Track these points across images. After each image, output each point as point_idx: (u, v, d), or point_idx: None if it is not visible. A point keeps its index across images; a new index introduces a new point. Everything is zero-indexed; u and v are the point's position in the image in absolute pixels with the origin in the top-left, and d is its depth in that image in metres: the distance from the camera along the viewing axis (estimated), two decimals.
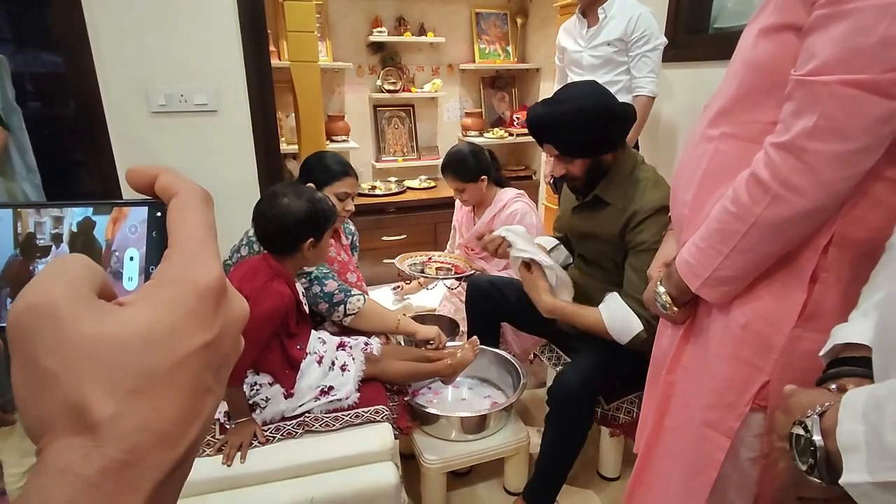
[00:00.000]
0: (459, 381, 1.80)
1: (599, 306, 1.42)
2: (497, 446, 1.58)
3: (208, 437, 1.25)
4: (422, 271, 2.17)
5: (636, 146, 2.17)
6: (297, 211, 1.26)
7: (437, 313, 2.21)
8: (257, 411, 1.26)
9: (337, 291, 1.49)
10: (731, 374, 0.83)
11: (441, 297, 2.36)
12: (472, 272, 2.04)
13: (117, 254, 0.27)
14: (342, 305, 1.48)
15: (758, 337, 0.79)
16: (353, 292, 1.51)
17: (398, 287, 2.47)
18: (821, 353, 0.67)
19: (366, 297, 1.52)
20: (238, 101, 2.06)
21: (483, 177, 2.08)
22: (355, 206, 2.88)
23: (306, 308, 1.37)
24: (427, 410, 1.56)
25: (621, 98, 2.14)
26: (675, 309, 0.92)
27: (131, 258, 0.27)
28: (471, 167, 2.06)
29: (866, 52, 0.62)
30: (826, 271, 0.73)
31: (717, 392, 0.85)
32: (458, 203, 2.38)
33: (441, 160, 3.34)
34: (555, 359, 1.75)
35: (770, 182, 0.70)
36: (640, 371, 1.49)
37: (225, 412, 1.26)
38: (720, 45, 1.84)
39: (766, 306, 0.78)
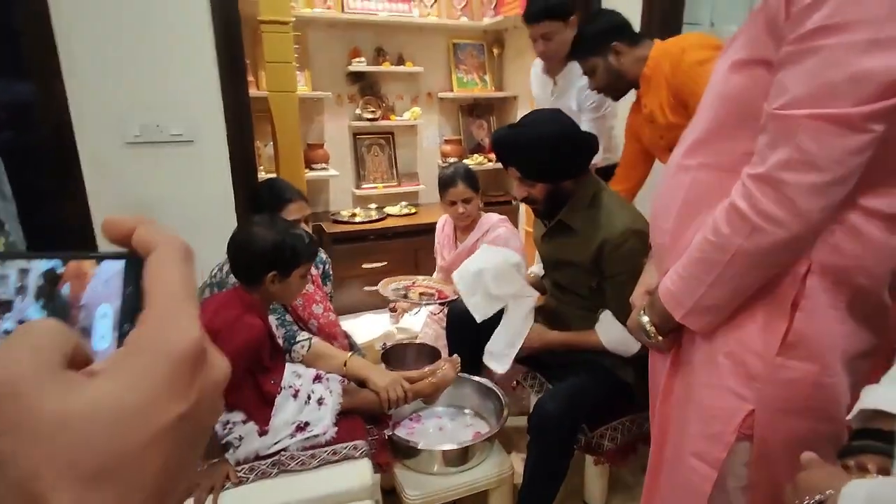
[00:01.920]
0: (440, 411, 1.77)
1: (596, 327, 1.45)
2: (481, 478, 1.53)
3: None
4: (405, 296, 2.15)
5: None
6: (263, 242, 1.24)
7: (418, 341, 2.18)
8: (230, 451, 1.21)
9: (280, 339, 1.43)
10: (716, 404, 0.82)
11: (423, 323, 2.33)
12: (456, 297, 2.02)
13: (86, 310, 0.25)
14: (287, 354, 1.43)
15: (741, 366, 0.79)
16: (297, 339, 1.44)
17: (394, 310, 2.43)
18: (849, 417, 0.64)
19: (311, 341, 1.45)
20: (215, 131, 2.05)
21: (480, 191, 2.12)
22: (335, 233, 2.86)
23: (280, 341, 1.33)
24: (408, 443, 1.52)
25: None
26: (660, 338, 0.92)
27: (104, 315, 0.25)
28: (476, 178, 2.10)
29: (836, 88, 0.63)
30: (806, 299, 0.73)
31: (703, 421, 0.84)
32: (439, 225, 2.38)
33: (421, 186, 3.40)
34: (538, 385, 1.73)
35: (749, 213, 0.71)
36: (624, 397, 1.49)
37: None
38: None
39: (749, 335, 0.78)
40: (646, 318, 0.91)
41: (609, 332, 1.44)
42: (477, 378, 1.77)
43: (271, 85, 2.23)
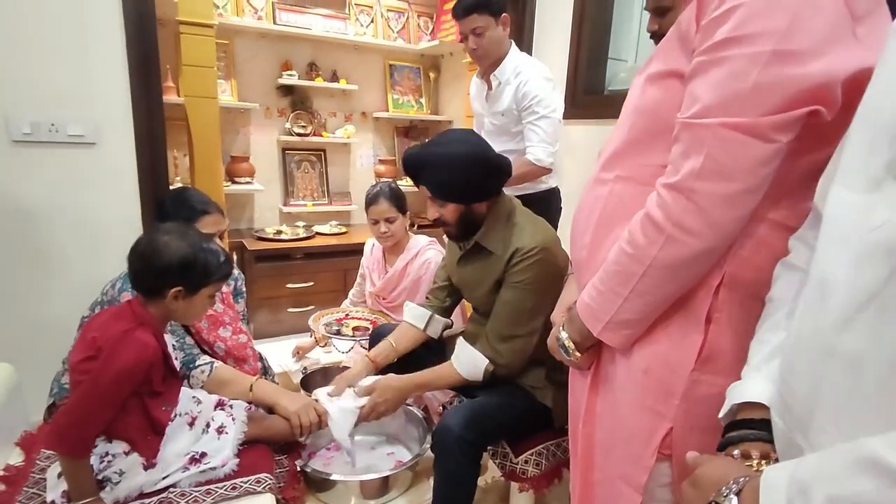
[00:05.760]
0: (360, 439, 1.67)
1: (452, 358, 1.44)
2: None
3: None
4: (338, 331, 2.04)
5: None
6: (171, 252, 1.10)
7: (342, 365, 2.07)
8: (107, 488, 1.04)
9: (178, 363, 1.30)
10: (636, 423, 0.80)
11: (351, 346, 2.23)
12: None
13: None
14: (186, 380, 1.30)
15: (659, 382, 0.77)
16: (197, 363, 1.32)
17: (298, 349, 2.29)
18: (720, 415, 0.66)
19: (213, 366, 1.33)
20: (121, 135, 1.88)
21: (408, 213, 2.08)
22: (257, 250, 2.71)
23: (176, 363, 1.19)
24: (321, 475, 1.40)
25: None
26: (578, 354, 0.89)
27: None
28: (403, 198, 2.06)
29: (742, 97, 0.63)
30: (719, 312, 0.73)
31: (626, 442, 0.82)
32: (367, 248, 2.30)
33: (353, 206, 3.31)
34: None
35: (664, 223, 0.70)
36: (543, 420, 1.46)
37: (63, 492, 1.03)
38: (614, 105, 1.96)
39: (665, 350, 0.77)
40: (565, 335, 0.88)
41: (459, 358, 1.43)
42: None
43: (188, 89, 2.10)
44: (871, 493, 0.37)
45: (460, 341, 1.46)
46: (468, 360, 1.41)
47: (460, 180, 1.35)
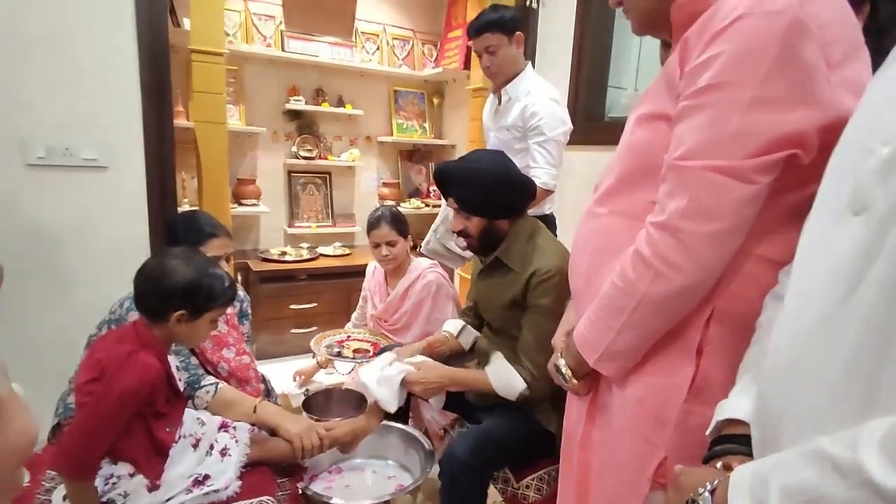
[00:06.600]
0: (361, 462, 1.67)
1: (486, 368, 1.46)
2: None
3: None
4: (339, 354, 2.05)
5: None
6: (176, 277, 1.13)
7: (344, 387, 2.08)
8: None
9: (182, 383, 1.31)
10: (631, 451, 0.81)
11: (351, 367, 2.24)
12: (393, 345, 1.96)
13: None
14: (190, 400, 1.31)
15: (653, 412, 0.79)
16: (201, 383, 1.34)
17: (299, 374, 2.31)
18: (707, 432, 0.68)
19: (218, 387, 1.35)
20: (132, 159, 1.93)
21: (409, 236, 2.11)
22: (262, 271, 2.74)
23: (181, 384, 1.21)
24: (322, 498, 1.40)
25: None
26: (575, 381, 0.91)
27: None
28: (404, 222, 2.09)
29: (724, 141, 0.67)
30: (710, 344, 0.75)
31: (620, 469, 0.83)
32: (369, 271, 2.33)
33: (357, 227, 3.35)
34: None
35: (652, 259, 0.73)
36: (546, 445, 1.46)
37: None
38: (614, 132, 2.00)
39: (658, 381, 0.79)
40: (562, 361, 0.91)
41: (498, 373, 1.45)
42: (402, 426, 1.70)
43: (198, 115, 2.16)
44: (815, 479, 0.42)
45: (497, 356, 1.47)
46: (506, 378, 1.41)
47: (487, 195, 1.41)
